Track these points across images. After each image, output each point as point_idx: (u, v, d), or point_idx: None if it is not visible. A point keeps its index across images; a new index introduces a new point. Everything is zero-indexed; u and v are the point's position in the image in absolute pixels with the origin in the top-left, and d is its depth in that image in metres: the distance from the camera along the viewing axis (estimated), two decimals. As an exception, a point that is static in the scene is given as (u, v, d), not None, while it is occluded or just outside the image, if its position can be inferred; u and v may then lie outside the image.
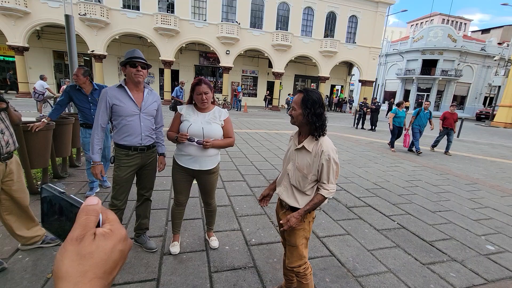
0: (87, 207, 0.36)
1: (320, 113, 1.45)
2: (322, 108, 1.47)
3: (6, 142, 1.94)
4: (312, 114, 1.44)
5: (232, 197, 3.62)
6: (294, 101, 1.51)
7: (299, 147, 1.54)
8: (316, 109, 1.44)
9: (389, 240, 2.84)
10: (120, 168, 2.06)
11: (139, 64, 1.95)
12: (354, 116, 13.60)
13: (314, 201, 1.50)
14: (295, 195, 1.57)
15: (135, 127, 2.05)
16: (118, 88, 2.03)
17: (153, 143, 2.22)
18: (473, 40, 31.87)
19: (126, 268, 2.08)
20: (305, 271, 1.61)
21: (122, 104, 1.99)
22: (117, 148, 2.10)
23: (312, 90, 1.49)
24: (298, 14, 20.10)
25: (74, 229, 0.35)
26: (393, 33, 47.83)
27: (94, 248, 0.34)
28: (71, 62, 4.98)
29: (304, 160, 1.51)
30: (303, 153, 1.52)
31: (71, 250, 0.33)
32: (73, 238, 0.34)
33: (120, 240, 0.37)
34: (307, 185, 1.53)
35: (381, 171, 5.57)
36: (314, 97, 1.45)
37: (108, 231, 0.36)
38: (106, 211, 0.38)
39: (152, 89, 2.20)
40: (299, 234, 1.57)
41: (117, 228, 0.37)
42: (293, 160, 1.58)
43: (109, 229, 0.37)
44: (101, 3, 15.97)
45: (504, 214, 3.81)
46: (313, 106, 1.44)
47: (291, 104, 1.54)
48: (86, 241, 0.34)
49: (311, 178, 1.52)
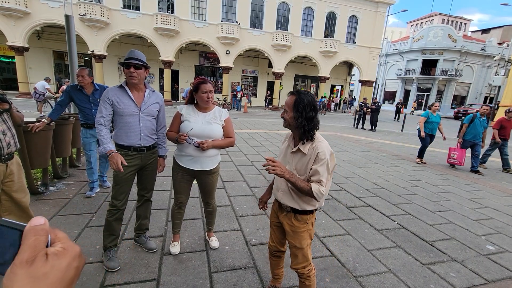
0: (34, 228, 0.35)
1: (311, 117, 1.42)
2: (314, 112, 1.43)
3: (7, 143, 1.94)
4: (303, 118, 1.41)
5: (232, 197, 3.62)
6: (286, 103, 1.48)
7: (294, 150, 1.52)
8: (308, 112, 1.41)
9: (389, 240, 2.84)
10: None
11: (132, 65, 1.94)
12: (354, 116, 13.61)
13: (303, 182, 1.41)
14: (295, 198, 1.53)
15: (134, 127, 2.05)
16: (119, 88, 2.05)
17: (154, 144, 2.21)
18: (473, 40, 31.87)
19: (126, 268, 2.08)
20: (309, 272, 1.59)
21: (122, 103, 2.00)
22: (117, 148, 2.09)
23: (305, 93, 1.46)
24: (298, 14, 20.09)
25: (22, 251, 0.33)
26: (393, 33, 47.83)
27: (48, 269, 0.33)
28: (71, 62, 4.98)
29: (300, 163, 1.49)
30: (299, 156, 1.50)
31: (21, 274, 0.32)
32: (23, 261, 0.32)
33: (74, 257, 0.37)
34: None
35: (381, 171, 5.57)
36: (306, 100, 1.42)
37: (61, 249, 0.36)
38: (54, 230, 0.38)
39: (154, 90, 2.19)
40: (304, 236, 1.56)
41: (70, 246, 0.37)
42: (290, 163, 1.55)
43: (62, 247, 0.36)
44: (101, 3, 15.97)
45: (504, 214, 3.81)
46: (304, 109, 1.41)
47: (284, 107, 1.51)
48: (38, 263, 0.33)
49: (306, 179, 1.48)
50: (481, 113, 6.08)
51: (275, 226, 1.73)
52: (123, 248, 2.35)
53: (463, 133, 6.17)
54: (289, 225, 1.57)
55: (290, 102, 1.45)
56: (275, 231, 1.75)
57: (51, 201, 3.15)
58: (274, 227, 1.75)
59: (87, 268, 2.04)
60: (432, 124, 6.36)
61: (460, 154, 6.18)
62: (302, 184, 1.40)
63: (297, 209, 1.53)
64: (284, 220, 1.61)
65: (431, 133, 6.39)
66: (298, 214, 1.54)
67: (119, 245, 2.36)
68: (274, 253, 1.81)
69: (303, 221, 1.55)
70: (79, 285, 1.87)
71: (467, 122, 6.15)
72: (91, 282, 1.91)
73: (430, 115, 6.32)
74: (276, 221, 1.71)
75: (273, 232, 1.77)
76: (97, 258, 2.17)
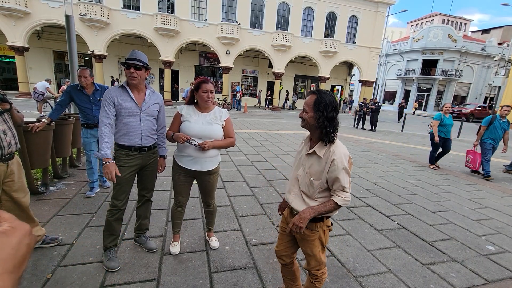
0: None
1: (332, 117, 1.36)
2: (335, 112, 1.38)
3: (8, 143, 1.94)
4: (324, 117, 1.35)
5: (232, 197, 3.62)
6: (306, 102, 1.42)
7: (310, 152, 1.46)
8: (329, 112, 1.35)
9: (389, 240, 2.84)
10: (121, 168, 2.05)
11: (132, 66, 1.95)
12: (354, 116, 13.61)
13: (326, 205, 1.40)
14: (306, 202, 1.48)
15: (135, 127, 2.05)
16: (120, 88, 2.05)
17: (154, 144, 2.22)
18: (473, 40, 31.88)
19: (126, 268, 2.08)
20: (321, 275, 1.57)
21: (123, 103, 2.01)
22: (117, 148, 2.09)
23: (326, 92, 1.40)
24: (298, 14, 20.08)
25: None
26: (393, 33, 47.84)
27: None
28: (71, 62, 4.98)
29: (315, 166, 1.43)
30: (314, 159, 1.44)
31: None
32: None
33: (25, 234, 0.39)
34: (317, 191, 1.45)
35: (381, 171, 5.57)
36: (327, 99, 1.36)
37: (9, 228, 0.38)
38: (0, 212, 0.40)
39: (155, 90, 2.20)
40: (315, 244, 1.51)
41: (18, 224, 0.39)
42: (303, 166, 1.50)
43: (10, 226, 0.38)
44: (101, 3, 15.97)
45: (504, 214, 3.81)
46: (325, 109, 1.35)
47: (303, 106, 1.46)
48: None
49: (320, 185, 1.43)
50: (501, 115, 5.62)
51: (283, 231, 1.67)
52: (123, 248, 2.35)
53: (480, 136, 5.76)
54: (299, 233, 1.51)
55: (310, 101, 1.39)
56: (282, 237, 1.70)
57: (51, 201, 3.15)
58: (282, 232, 1.69)
59: (87, 268, 2.05)
60: (446, 127, 5.89)
61: (474, 158, 5.89)
62: (327, 206, 1.40)
63: None
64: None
65: (446, 136, 5.92)
66: (309, 221, 1.46)
67: (119, 245, 2.36)
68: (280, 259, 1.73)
69: (313, 229, 1.49)
70: (79, 285, 1.87)
71: (485, 124, 5.70)
72: (91, 282, 1.91)
73: (443, 117, 5.89)
74: (285, 227, 1.65)
75: (280, 236, 1.72)
76: (97, 258, 2.17)
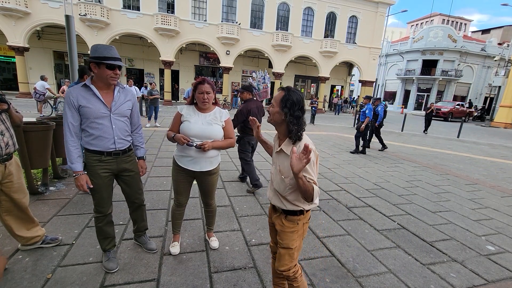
0: None
1: (298, 116, 1.39)
2: (301, 112, 1.40)
3: (5, 143, 1.93)
4: (291, 115, 1.38)
5: (232, 197, 3.62)
6: (274, 98, 1.44)
7: (278, 150, 1.50)
8: (295, 111, 1.38)
9: (389, 240, 2.84)
10: (95, 175, 1.89)
11: (117, 66, 1.77)
12: (354, 116, 13.59)
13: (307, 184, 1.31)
14: (281, 198, 1.51)
15: (106, 130, 1.85)
16: (82, 88, 1.80)
17: (129, 146, 2.05)
18: (473, 41, 31.87)
19: (126, 269, 2.08)
20: (295, 274, 1.58)
21: (90, 105, 1.78)
22: (88, 153, 1.88)
23: (295, 91, 1.42)
24: (298, 15, 20.09)
25: None
26: (393, 33, 47.85)
27: None
28: (72, 62, 4.97)
29: (284, 163, 1.44)
30: (282, 156, 1.46)
31: None
32: None
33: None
34: (287, 189, 1.46)
35: (381, 171, 5.57)
36: (295, 98, 1.39)
37: None
38: None
39: (124, 86, 1.99)
40: (292, 236, 1.54)
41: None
42: (275, 164, 1.52)
43: None
44: (101, 3, 15.98)
45: (504, 214, 3.81)
46: (292, 107, 1.38)
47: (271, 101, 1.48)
48: None
49: (290, 182, 1.43)
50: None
51: (271, 226, 1.74)
52: (123, 248, 2.35)
53: None
54: (280, 225, 1.57)
55: (278, 97, 1.42)
56: (271, 231, 1.76)
57: (51, 201, 3.15)
58: (270, 227, 1.76)
59: (87, 268, 2.04)
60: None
61: None
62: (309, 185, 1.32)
63: (286, 209, 1.52)
64: (276, 220, 1.60)
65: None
66: (288, 215, 1.53)
67: (118, 245, 2.36)
68: (274, 255, 1.79)
69: (293, 221, 1.53)
70: (79, 285, 1.87)
71: None
72: (91, 282, 1.91)
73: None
74: (271, 221, 1.72)
75: (270, 232, 1.78)
76: (97, 258, 2.16)
